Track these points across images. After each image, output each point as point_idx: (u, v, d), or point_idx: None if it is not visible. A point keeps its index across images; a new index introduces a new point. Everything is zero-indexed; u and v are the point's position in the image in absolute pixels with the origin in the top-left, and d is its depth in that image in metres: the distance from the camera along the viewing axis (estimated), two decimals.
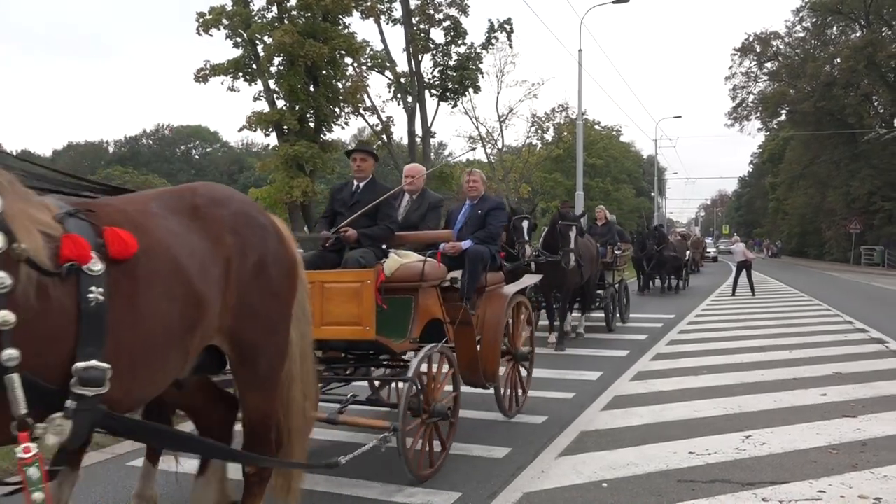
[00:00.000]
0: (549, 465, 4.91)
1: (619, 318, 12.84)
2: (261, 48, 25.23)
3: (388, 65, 30.66)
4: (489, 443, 5.42)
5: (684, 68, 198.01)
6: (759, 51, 48.08)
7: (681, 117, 76.63)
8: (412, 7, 30.13)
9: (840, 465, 4.85)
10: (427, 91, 31.24)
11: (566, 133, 38.94)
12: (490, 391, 5.99)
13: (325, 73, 25.22)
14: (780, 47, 47.94)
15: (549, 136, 40.82)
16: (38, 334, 2.01)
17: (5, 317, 1.91)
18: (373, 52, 30.22)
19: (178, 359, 2.52)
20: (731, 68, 50.63)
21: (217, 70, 25.29)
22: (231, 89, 25.92)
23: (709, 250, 43.43)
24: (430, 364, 4.75)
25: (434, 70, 31.34)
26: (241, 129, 27.67)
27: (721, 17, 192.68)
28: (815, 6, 44.98)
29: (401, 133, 32.77)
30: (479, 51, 31.86)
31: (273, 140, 26.59)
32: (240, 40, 25.39)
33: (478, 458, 5.09)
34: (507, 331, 6.09)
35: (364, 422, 4.62)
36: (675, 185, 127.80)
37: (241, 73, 25.61)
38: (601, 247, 12.06)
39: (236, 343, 2.78)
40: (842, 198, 43.45)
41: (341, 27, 26.12)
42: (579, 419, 6.19)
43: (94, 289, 2.12)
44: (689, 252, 24.63)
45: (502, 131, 39.82)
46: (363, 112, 29.53)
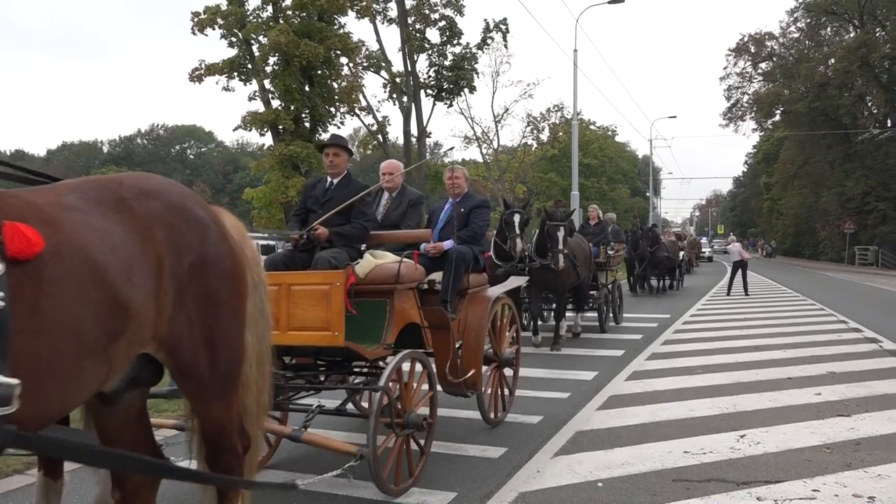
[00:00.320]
0: (544, 465, 4.91)
1: (612, 319, 12.78)
2: (256, 48, 25.22)
3: (383, 65, 30.67)
4: (484, 443, 5.42)
5: (679, 68, 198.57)
6: (753, 51, 48.21)
7: (676, 117, 77.54)
8: (407, 7, 30.14)
9: (834, 464, 4.86)
10: (422, 91, 31.27)
11: (561, 133, 39.04)
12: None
13: (320, 72, 25.22)
14: (775, 48, 48.07)
15: (545, 136, 40.92)
16: None
17: None
18: (368, 52, 30.25)
19: (97, 370, 2.21)
20: (725, 69, 50.94)
21: (212, 70, 25.26)
22: (226, 89, 25.94)
23: (704, 250, 43.54)
24: (404, 371, 4.47)
25: (429, 70, 31.39)
26: (236, 129, 27.65)
27: (716, 17, 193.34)
28: (809, 7, 45.11)
29: (396, 133, 32.82)
30: (474, 51, 31.93)
31: (268, 140, 26.62)
32: (235, 40, 25.38)
33: (473, 458, 5.08)
34: (490, 335, 5.81)
35: (328, 443, 4.21)
36: (670, 185, 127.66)
37: (236, 73, 25.59)
38: (594, 247, 12.00)
39: (174, 353, 2.47)
40: (836, 198, 43.60)
41: (337, 27, 26.13)
42: (575, 419, 6.19)
43: None
44: (683, 252, 24.42)
45: (498, 131, 39.91)
46: (359, 112, 29.57)
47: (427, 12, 30.44)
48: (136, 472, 2.74)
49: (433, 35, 31.12)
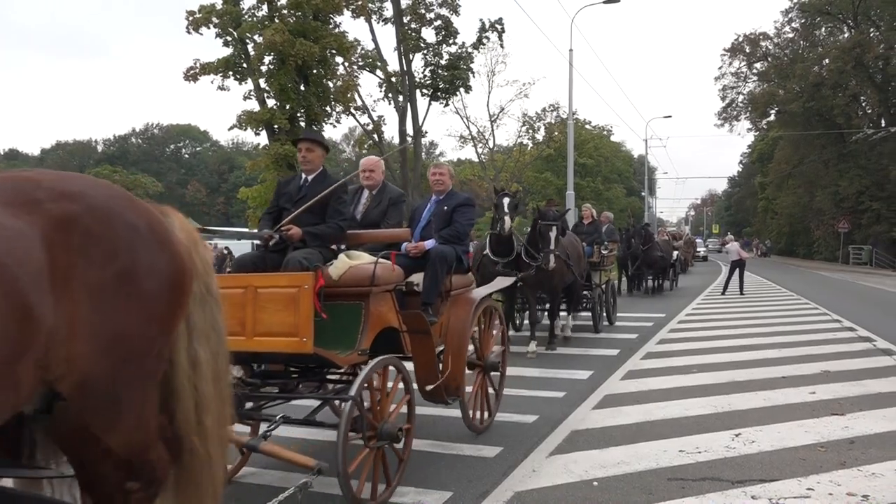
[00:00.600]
0: (539, 464, 4.92)
1: (605, 319, 12.59)
2: (251, 47, 25.15)
3: (378, 64, 30.65)
4: (480, 442, 5.43)
5: (674, 68, 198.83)
6: (748, 51, 48.30)
7: (671, 117, 77.39)
8: (403, 6, 30.13)
9: (828, 463, 4.88)
10: (418, 90, 31.25)
11: (557, 133, 39.05)
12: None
13: (315, 72, 25.15)
14: (770, 48, 48.18)
15: (540, 136, 40.93)
16: None
17: None
18: (364, 52, 30.21)
19: (4, 397, 1.92)
20: (720, 68, 51.00)
21: (207, 69, 25.18)
22: (221, 88, 25.84)
23: (699, 250, 43.64)
24: (378, 379, 4.23)
25: (425, 69, 31.37)
26: (231, 128, 27.59)
27: (711, 17, 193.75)
28: (803, 7, 45.22)
29: (392, 132, 32.77)
30: (470, 50, 31.92)
31: (263, 139, 26.51)
32: (230, 39, 25.29)
33: (468, 458, 5.09)
34: (474, 339, 5.60)
35: (285, 455, 3.90)
36: (666, 185, 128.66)
37: (231, 72, 25.51)
38: (587, 246, 11.89)
39: (88, 375, 2.12)
40: (830, 197, 43.73)
41: (332, 26, 26.08)
42: (570, 418, 6.20)
43: None
44: (677, 252, 24.16)
45: (493, 131, 39.89)
46: (354, 111, 29.52)
47: (423, 12, 30.43)
48: None
49: (429, 34, 31.13)
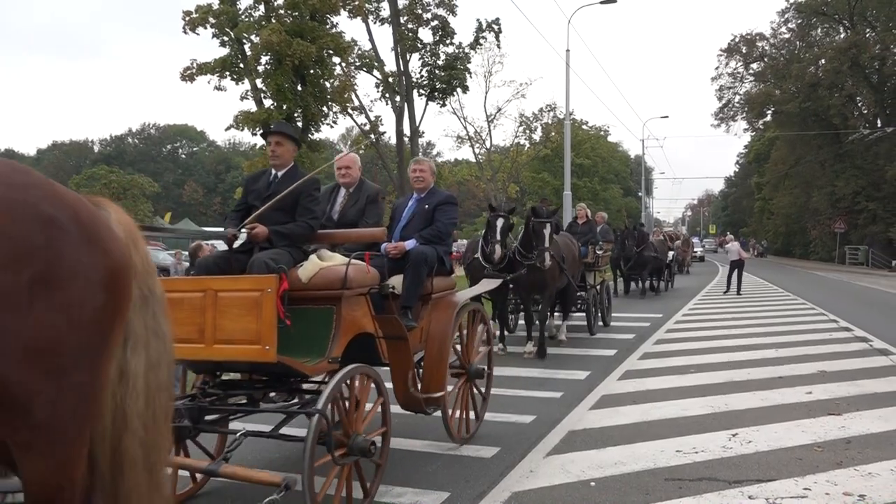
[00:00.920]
0: (537, 465, 4.92)
1: (600, 320, 12.44)
2: (248, 47, 25.14)
3: (375, 64, 30.65)
4: (477, 442, 5.42)
5: (671, 69, 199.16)
6: (744, 52, 48.37)
7: (668, 117, 77.46)
8: (400, 6, 30.12)
9: (825, 463, 4.89)
10: (415, 91, 31.24)
11: (554, 133, 39.15)
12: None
13: (312, 72, 25.14)
14: (766, 48, 48.25)
15: (537, 136, 41.00)
16: None
17: None
18: (361, 52, 30.23)
19: None
20: (717, 69, 51.09)
21: (204, 69, 25.16)
22: (218, 88, 25.83)
23: (696, 250, 43.70)
24: (349, 389, 3.97)
25: (422, 70, 31.37)
26: (228, 129, 27.48)
27: (708, 18, 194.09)
28: (799, 8, 45.30)
29: (389, 132, 32.76)
30: (467, 51, 31.94)
31: (260, 139, 26.46)
32: (227, 39, 25.28)
33: (466, 458, 5.08)
34: (458, 344, 5.38)
35: (250, 476, 3.62)
36: (663, 185, 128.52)
37: (227, 72, 25.50)
38: (582, 246, 11.64)
39: (2, 387, 1.87)
40: (826, 198, 43.82)
41: (329, 26, 26.07)
42: (567, 418, 6.20)
43: None
44: (672, 252, 23.87)
45: (490, 131, 39.97)
46: (351, 111, 29.52)
47: (420, 12, 30.42)
48: None
49: (426, 35, 31.12)
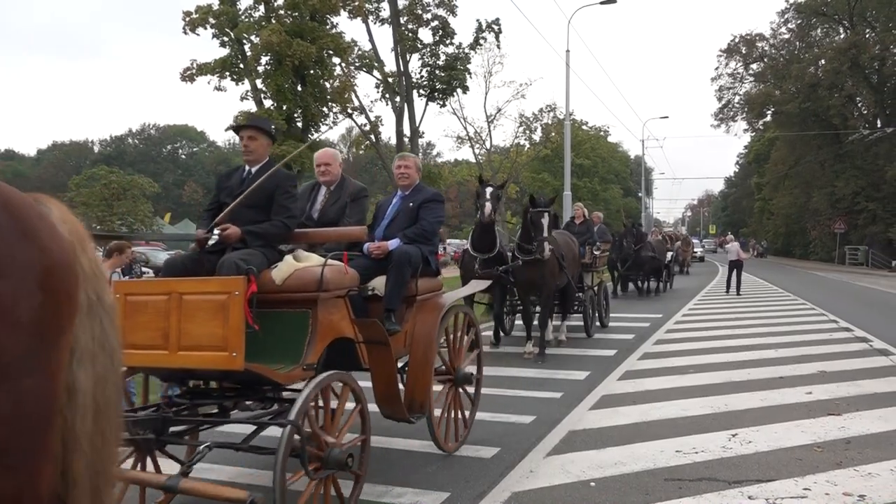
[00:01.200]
0: (537, 465, 4.92)
1: (598, 322, 12.21)
2: (248, 47, 25.13)
3: (375, 65, 30.62)
4: (477, 442, 5.41)
5: (671, 69, 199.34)
6: (744, 52, 48.40)
7: (668, 118, 77.80)
8: (400, 7, 30.11)
9: (825, 463, 4.89)
10: (415, 91, 31.22)
11: (554, 133, 39.09)
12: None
13: (312, 72, 25.13)
14: (766, 49, 48.28)
15: (537, 137, 40.98)
16: None
17: None
18: (361, 52, 30.19)
19: None
20: (717, 69, 51.22)
21: (204, 69, 25.14)
22: (218, 89, 25.80)
23: (696, 250, 43.70)
24: (324, 397, 3.76)
25: (422, 70, 31.33)
26: (228, 129, 27.58)
27: (707, 18, 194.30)
28: (799, 8, 45.32)
29: (389, 133, 32.75)
30: (467, 51, 31.89)
31: None
32: (227, 39, 25.27)
33: (466, 458, 5.08)
34: (445, 348, 5.18)
35: (211, 492, 3.40)
36: (662, 185, 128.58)
37: (227, 73, 25.48)
38: (580, 247, 11.42)
39: None
40: (826, 198, 43.84)
41: (329, 27, 26.06)
42: (567, 418, 6.21)
43: None
44: (671, 252, 23.66)
45: (490, 131, 39.95)
46: (351, 112, 29.48)
47: (419, 12, 30.38)
48: None
49: (426, 35, 31.07)
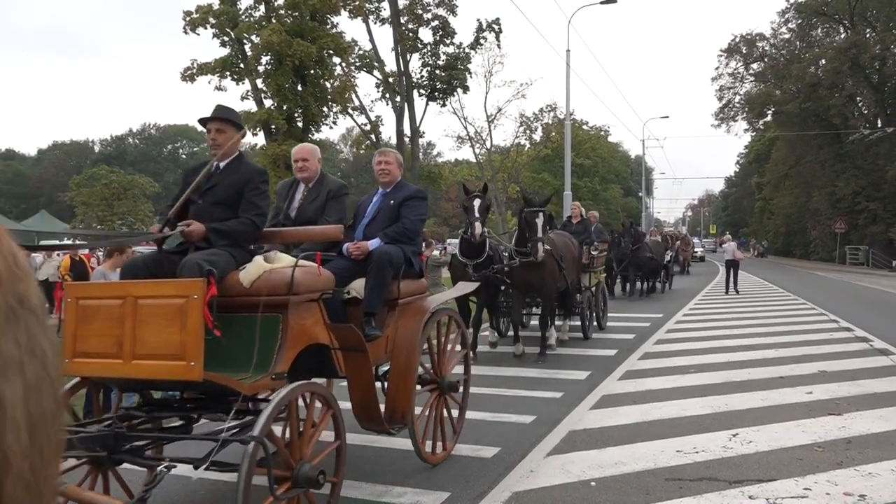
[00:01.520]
0: (537, 465, 4.92)
1: (596, 324, 11.95)
2: (248, 47, 25.15)
3: (376, 64, 30.62)
4: (478, 442, 5.42)
5: (672, 69, 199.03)
6: (745, 52, 48.37)
7: (668, 118, 77.62)
8: (400, 7, 30.10)
9: (825, 463, 4.88)
10: (415, 91, 31.22)
11: (554, 133, 39.13)
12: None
13: (312, 72, 25.14)
14: (766, 48, 48.24)
15: (538, 136, 41.01)
16: None
17: None
18: (361, 52, 30.19)
19: None
20: (717, 69, 51.13)
21: (204, 69, 25.16)
22: (218, 88, 25.82)
23: (696, 250, 43.69)
24: (289, 410, 3.48)
25: (422, 70, 31.33)
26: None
27: (708, 18, 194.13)
28: (800, 8, 45.30)
29: (389, 132, 32.74)
30: (467, 51, 31.89)
31: (261, 139, 26.51)
32: (227, 39, 25.29)
33: (466, 458, 5.08)
34: (430, 354, 4.98)
35: None
36: (663, 185, 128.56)
37: (228, 73, 25.49)
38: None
39: None
40: (827, 198, 43.80)
41: (329, 26, 26.08)
42: (568, 418, 6.21)
43: None
44: (669, 253, 23.47)
45: (491, 131, 39.97)
46: (351, 111, 29.49)
47: (420, 12, 30.38)
48: None
49: (426, 35, 31.07)
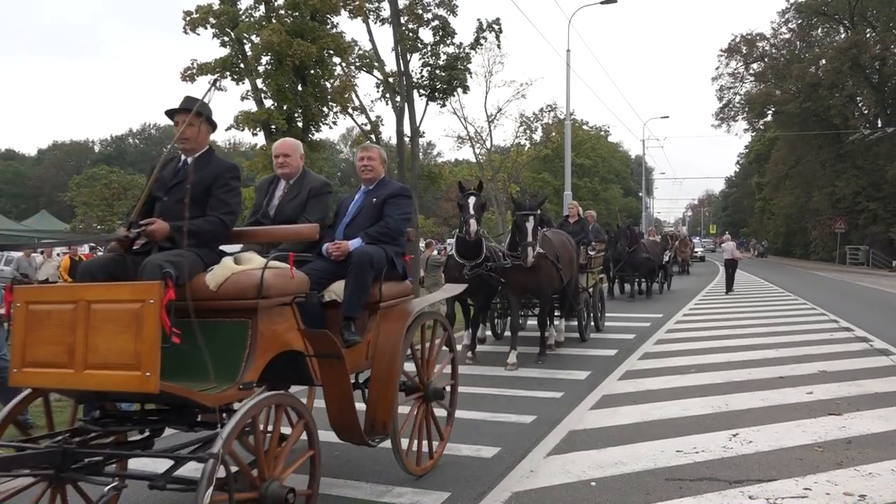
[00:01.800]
0: (537, 465, 4.92)
1: (594, 325, 11.74)
2: (248, 47, 25.13)
3: (376, 64, 30.56)
4: (478, 443, 5.42)
5: (672, 69, 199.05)
6: (745, 52, 48.38)
7: (668, 118, 77.70)
8: (401, 7, 30.10)
9: (825, 463, 4.88)
10: (416, 91, 31.21)
11: (554, 133, 39.09)
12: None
13: (312, 72, 25.10)
14: (766, 48, 48.26)
15: (538, 137, 40.98)
16: None
17: None
18: (361, 52, 30.16)
19: None
20: (717, 69, 51.16)
21: (204, 69, 25.11)
22: (219, 89, 25.82)
23: (697, 250, 43.68)
24: (254, 424, 3.17)
25: (422, 70, 31.28)
26: (228, 129, 27.40)
27: (708, 18, 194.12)
28: (800, 8, 45.32)
29: (389, 132, 32.72)
30: (467, 51, 31.84)
31: (261, 139, 26.41)
32: (227, 39, 25.25)
33: (466, 458, 5.08)
34: (414, 360, 4.72)
35: None
36: (663, 185, 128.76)
37: (228, 73, 25.49)
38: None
39: None
40: (827, 198, 43.81)
41: (329, 26, 26.04)
42: (568, 418, 6.21)
43: None
44: (668, 253, 23.38)
45: (491, 131, 39.93)
46: (351, 111, 29.45)
47: (420, 12, 30.35)
48: None
49: (426, 35, 30.99)
